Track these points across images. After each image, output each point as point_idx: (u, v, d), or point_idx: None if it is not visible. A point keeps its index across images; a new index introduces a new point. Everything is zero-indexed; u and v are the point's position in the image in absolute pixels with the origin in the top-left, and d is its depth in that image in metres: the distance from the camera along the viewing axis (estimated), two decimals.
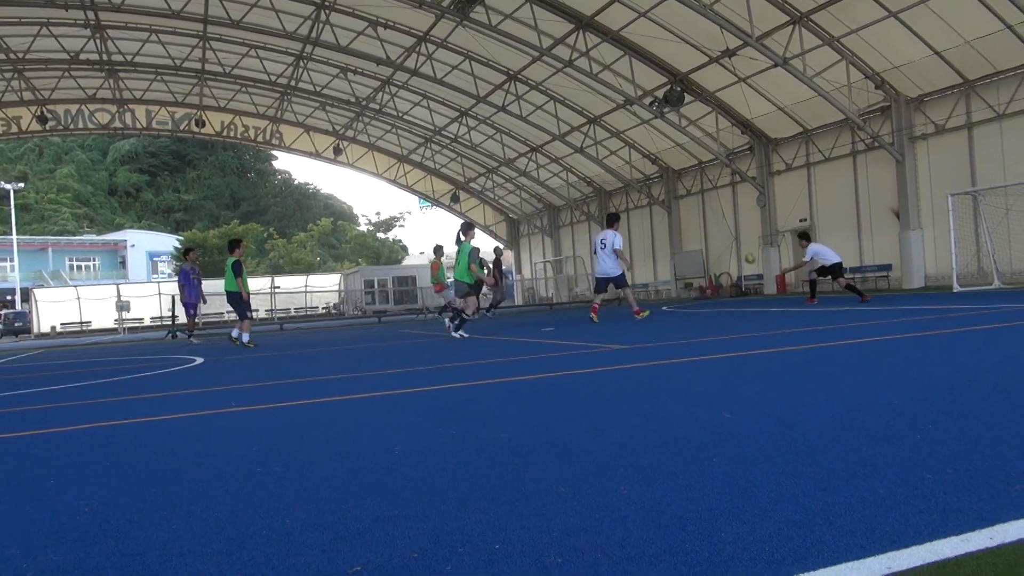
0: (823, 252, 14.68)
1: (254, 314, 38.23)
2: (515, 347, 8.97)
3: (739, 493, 2.18)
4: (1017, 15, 15.13)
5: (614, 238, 12.50)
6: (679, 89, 22.04)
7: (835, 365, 5.26)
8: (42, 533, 2.24)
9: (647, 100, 23.18)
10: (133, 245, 67.15)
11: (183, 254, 17.13)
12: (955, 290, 15.69)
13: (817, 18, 17.99)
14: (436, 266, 18.24)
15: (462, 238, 11.92)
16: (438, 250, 18.48)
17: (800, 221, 23.47)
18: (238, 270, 12.73)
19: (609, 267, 12.58)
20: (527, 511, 2.14)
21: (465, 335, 11.47)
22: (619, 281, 12.68)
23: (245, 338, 12.84)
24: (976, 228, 17.16)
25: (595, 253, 12.95)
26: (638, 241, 32.03)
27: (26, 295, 46.19)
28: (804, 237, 15.26)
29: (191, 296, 15.48)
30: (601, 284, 13.11)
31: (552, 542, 1.87)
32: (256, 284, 44.37)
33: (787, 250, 24.04)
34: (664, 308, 18.79)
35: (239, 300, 12.79)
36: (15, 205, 56.75)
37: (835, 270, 14.50)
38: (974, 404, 3.37)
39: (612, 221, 12.97)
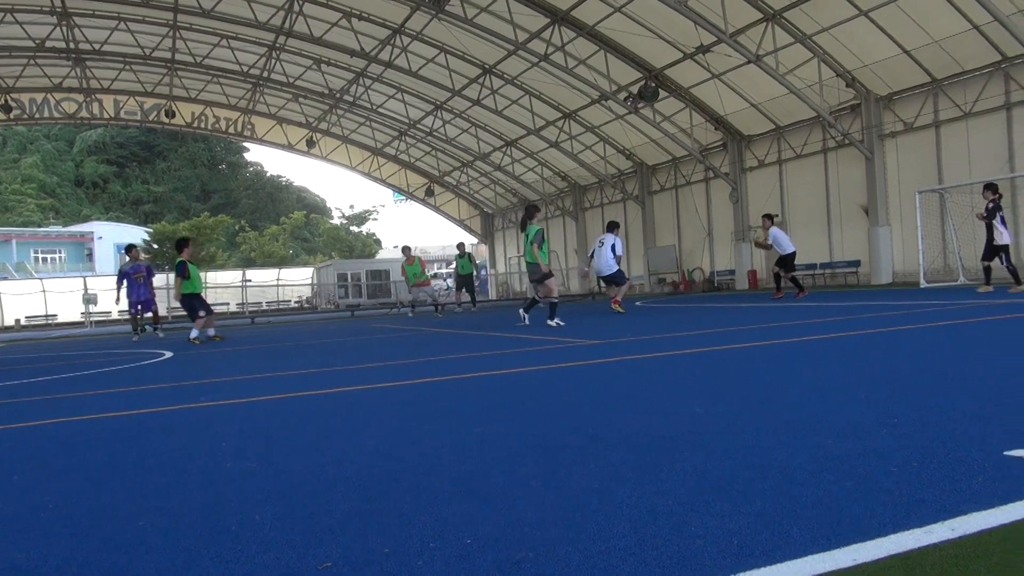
0: (781, 239, 15.13)
1: (224, 308, 37.88)
2: (489, 341, 8.97)
3: (709, 487, 2.20)
4: (984, 15, 15.40)
5: (614, 240, 13.29)
6: (654, 85, 22.14)
7: (803, 360, 5.33)
8: (6, 530, 2.20)
9: (622, 95, 23.25)
10: (100, 237, 65.96)
11: (125, 251, 16.32)
12: (922, 286, 15.97)
13: (790, 16, 18.17)
14: (407, 263, 18.40)
15: (529, 222, 11.96)
16: (405, 250, 18.64)
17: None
18: (179, 271, 12.29)
19: (602, 265, 13.36)
20: (499, 505, 2.14)
21: (561, 322, 10.96)
22: (615, 278, 13.40)
23: (211, 332, 12.61)
24: (943, 225, 17.46)
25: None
26: None
27: None
28: (768, 217, 16.03)
29: (133, 295, 14.74)
30: (604, 280, 13.94)
31: (524, 536, 1.88)
32: (227, 277, 43.82)
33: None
34: (638, 303, 18.90)
35: (188, 301, 12.36)
36: None
37: (787, 261, 14.98)
38: (937, 398, 3.44)
39: (612, 227, 13.67)
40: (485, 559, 1.75)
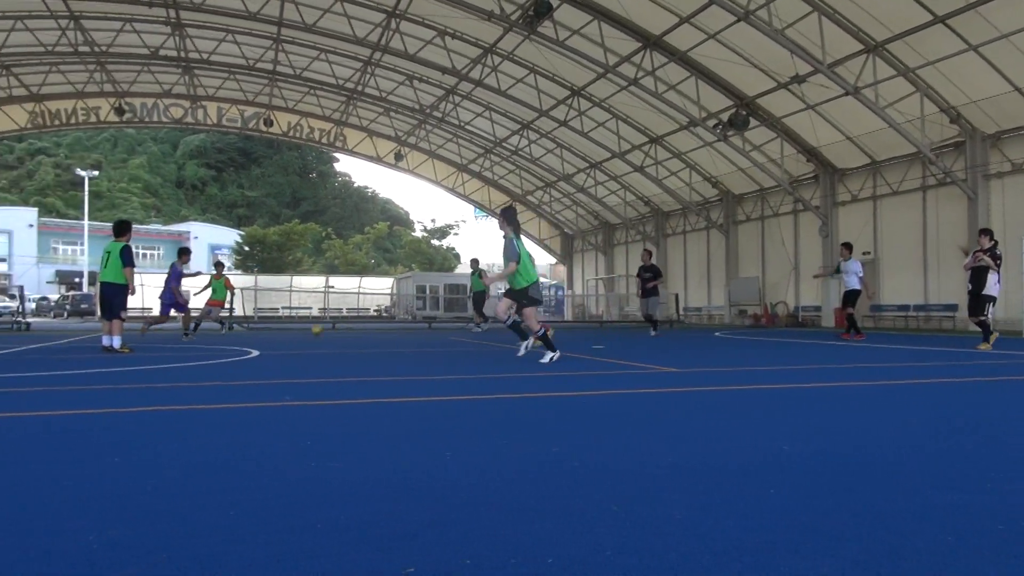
0: (854, 272, 14.31)
1: (307, 312, 39.01)
2: (566, 363, 8.93)
3: (798, 526, 2.12)
4: None
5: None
6: (744, 113, 21.77)
7: (898, 404, 5.10)
8: (108, 508, 2.31)
9: (711, 122, 22.95)
10: (196, 237, 69.16)
11: (178, 255, 15.93)
12: None
13: (892, 48, 17.59)
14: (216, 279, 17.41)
15: (508, 227, 9.00)
16: (219, 265, 18.12)
17: (863, 254, 22.88)
18: (130, 258, 10.68)
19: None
20: (579, 527, 2.12)
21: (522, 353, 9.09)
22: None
23: (118, 343, 10.38)
24: None
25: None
26: (693, 264, 31.68)
27: (93, 278, 47.83)
28: (847, 247, 14.88)
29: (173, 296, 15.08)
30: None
31: (604, 561, 1.85)
32: (312, 283, 45.18)
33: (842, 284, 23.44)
34: (717, 334, 18.51)
35: (122, 293, 10.67)
36: (88, 192, 59.01)
37: (849, 297, 14.25)
38: None
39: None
40: None
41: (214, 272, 17.78)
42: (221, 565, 1.81)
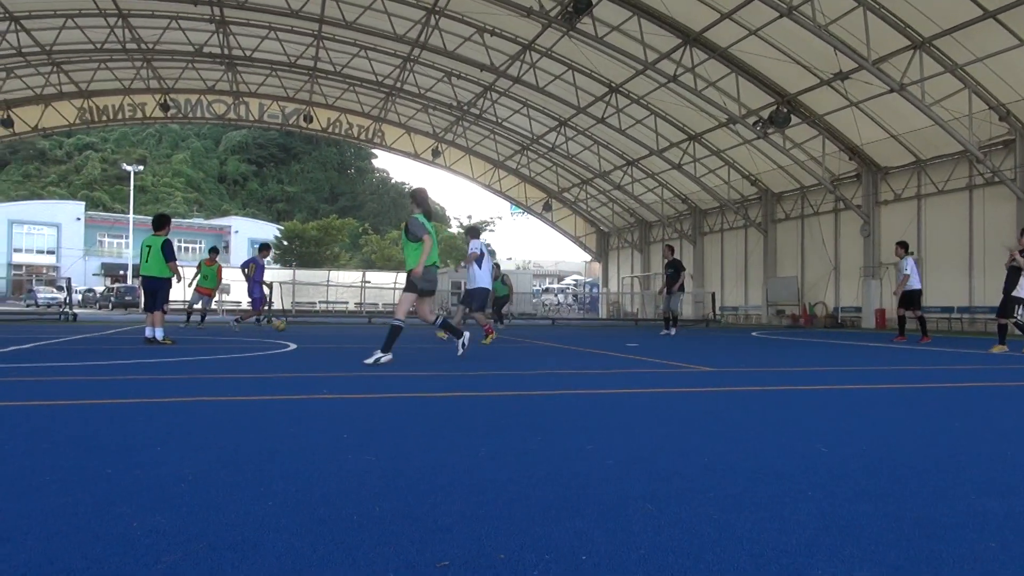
0: (914, 273, 13.93)
1: (344, 307, 39.43)
2: (600, 360, 8.90)
3: (836, 530, 2.09)
4: None
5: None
6: (785, 110, 21.44)
7: (939, 407, 5.00)
8: (149, 497, 2.37)
9: (751, 120, 22.65)
10: (237, 231, 70.36)
11: (259, 249, 16.72)
12: None
13: (940, 44, 17.17)
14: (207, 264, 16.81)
15: (417, 209, 8.52)
16: (213, 251, 17.32)
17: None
18: (171, 252, 10.88)
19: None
20: (612, 525, 2.11)
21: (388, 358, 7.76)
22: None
23: (160, 334, 10.42)
24: None
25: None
26: (731, 263, 31.31)
27: (137, 271, 48.80)
28: (903, 245, 14.44)
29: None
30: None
31: (639, 560, 1.84)
32: (348, 277, 45.59)
33: (889, 283, 22.96)
34: (754, 334, 18.29)
35: (165, 287, 10.86)
36: (133, 186, 60.34)
37: (916, 297, 13.83)
38: None
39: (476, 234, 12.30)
40: None
41: (207, 258, 17.04)
42: (257, 553, 1.84)
